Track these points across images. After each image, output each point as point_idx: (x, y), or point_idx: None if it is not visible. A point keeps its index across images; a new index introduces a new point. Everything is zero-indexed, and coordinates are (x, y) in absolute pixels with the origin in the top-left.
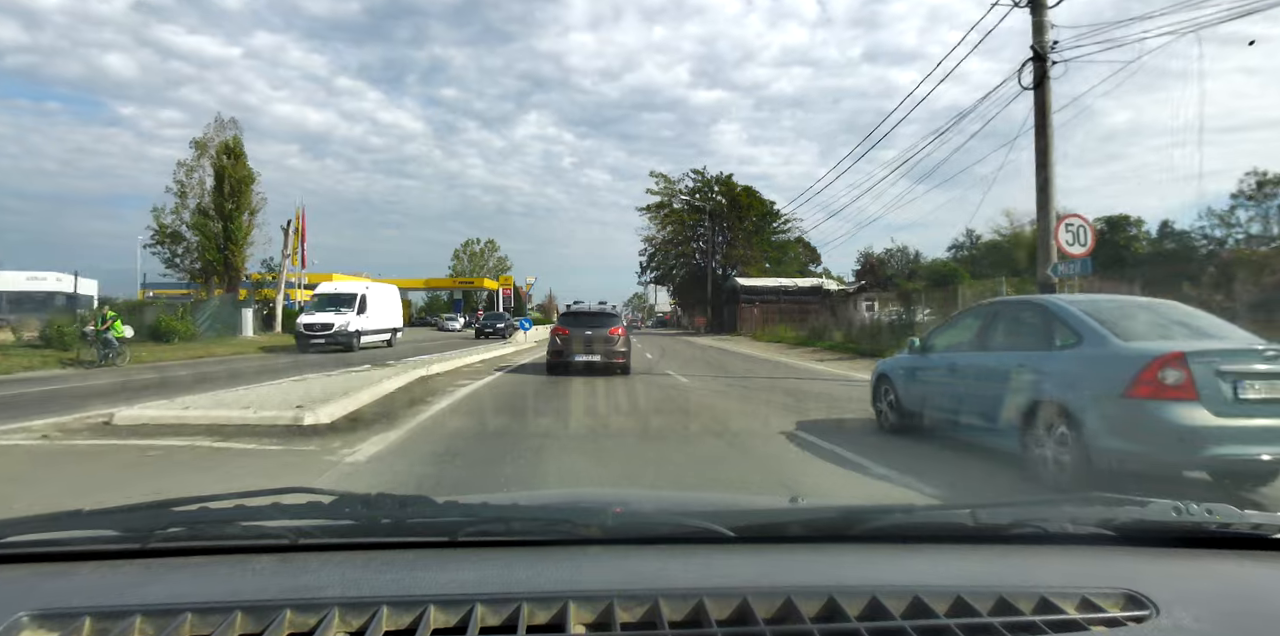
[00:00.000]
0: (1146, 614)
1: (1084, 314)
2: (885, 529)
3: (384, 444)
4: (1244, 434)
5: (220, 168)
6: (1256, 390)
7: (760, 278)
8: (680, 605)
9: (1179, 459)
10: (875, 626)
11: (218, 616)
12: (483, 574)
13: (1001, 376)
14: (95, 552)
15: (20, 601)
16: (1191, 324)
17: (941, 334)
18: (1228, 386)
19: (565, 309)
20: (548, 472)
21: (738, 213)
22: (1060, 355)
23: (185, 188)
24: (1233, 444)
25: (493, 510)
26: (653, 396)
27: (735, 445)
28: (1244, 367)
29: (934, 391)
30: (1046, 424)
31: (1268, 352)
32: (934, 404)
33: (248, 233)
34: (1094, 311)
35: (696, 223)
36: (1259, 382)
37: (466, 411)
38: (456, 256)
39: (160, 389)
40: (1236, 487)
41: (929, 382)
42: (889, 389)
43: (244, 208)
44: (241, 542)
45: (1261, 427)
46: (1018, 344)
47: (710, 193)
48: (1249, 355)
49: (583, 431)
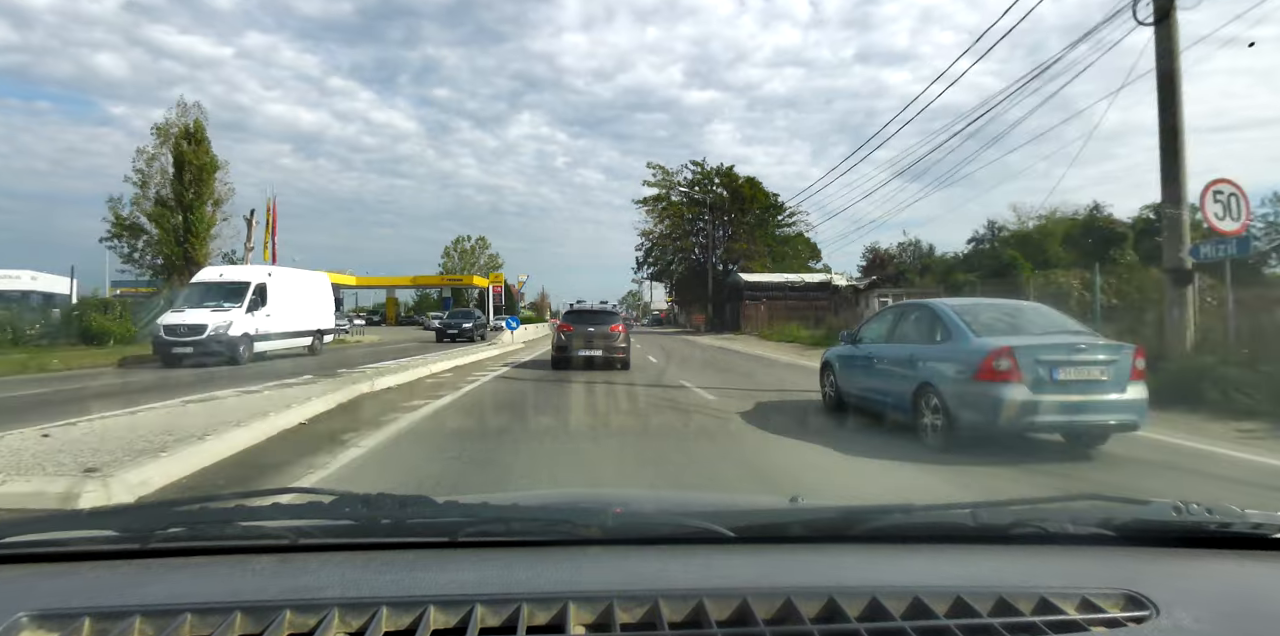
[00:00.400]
0: (1146, 614)
1: (956, 315)
2: (885, 529)
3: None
4: (1057, 406)
5: (180, 153)
6: (1068, 373)
7: (764, 273)
8: (680, 605)
9: (1010, 425)
10: (875, 627)
11: (218, 616)
12: (483, 574)
13: (900, 363)
14: (95, 553)
15: (20, 601)
16: (1042, 323)
17: (867, 328)
18: (1045, 371)
19: (569, 308)
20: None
21: (740, 205)
22: (937, 347)
23: (146, 177)
24: (1048, 413)
25: (493, 510)
26: (689, 434)
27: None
28: (1059, 357)
29: (859, 375)
30: (926, 399)
31: (1078, 346)
32: (859, 385)
33: (211, 225)
34: (964, 313)
35: (696, 216)
36: (1070, 368)
37: (398, 463)
38: (447, 254)
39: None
40: (1083, 445)
41: (856, 368)
42: (830, 374)
43: (206, 197)
44: (241, 543)
45: (1071, 401)
46: (913, 338)
47: (710, 185)
48: (1064, 348)
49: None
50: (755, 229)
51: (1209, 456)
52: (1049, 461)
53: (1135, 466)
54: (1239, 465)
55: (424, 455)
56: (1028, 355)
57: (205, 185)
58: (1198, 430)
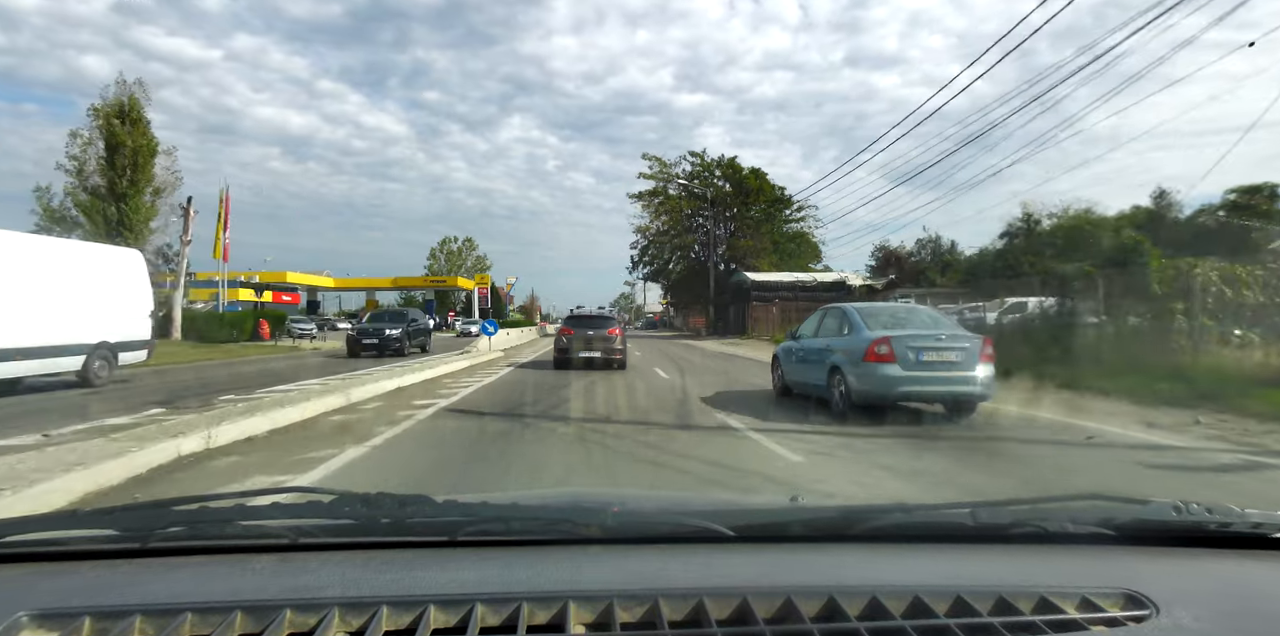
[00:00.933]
0: (1146, 613)
1: (858, 314)
2: (885, 529)
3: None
4: (922, 380)
5: (112, 134)
6: (931, 356)
7: (772, 272)
8: (680, 605)
9: (887, 394)
10: (875, 626)
11: (218, 616)
12: (483, 573)
13: (821, 352)
14: (95, 552)
15: (20, 601)
16: (922, 321)
17: (805, 326)
18: (914, 354)
19: (570, 313)
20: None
21: (744, 199)
22: (843, 339)
23: (81, 164)
24: (914, 385)
25: (492, 510)
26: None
27: None
28: (924, 344)
29: (797, 364)
30: (835, 378)
31: (939, 336)
32: (797, 372)
33: (150, 216)
34: (864, 313)
35: (695, 211)
36: (932, 352)
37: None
38: (433, 255)
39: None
40: (954, 413)
41: (794, 359)
42: (778, 365)
43: (143, 185)
44: (241, 542)
45: (932, 376)
46: (829, 332)
47: (710, 177)
48: (928, 337)
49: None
50: (760, 224)
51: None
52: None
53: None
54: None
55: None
56: (900, 343)
57: (143, 171)
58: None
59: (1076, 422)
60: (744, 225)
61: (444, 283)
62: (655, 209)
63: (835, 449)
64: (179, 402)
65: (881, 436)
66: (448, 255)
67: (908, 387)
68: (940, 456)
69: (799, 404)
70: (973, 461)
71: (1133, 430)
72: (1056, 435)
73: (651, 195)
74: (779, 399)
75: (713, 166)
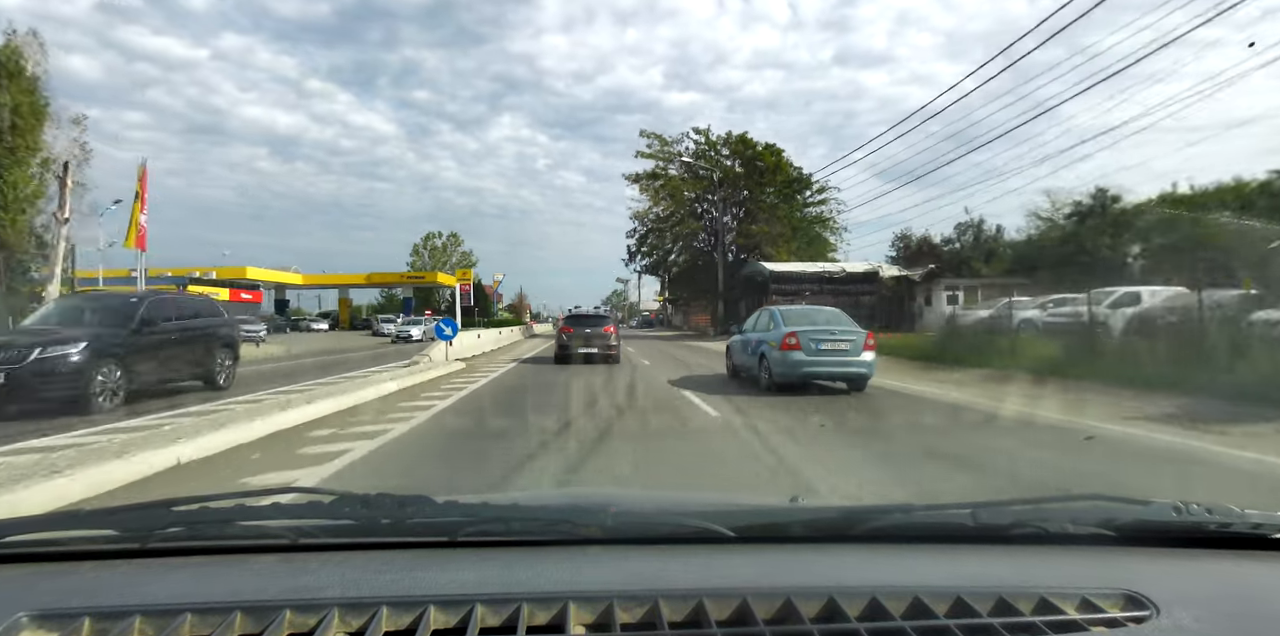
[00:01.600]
0: (1146, 614)
1: (780, 314)
2: (885, 529)
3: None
4: (821, 363)
5: None
6: (826, 346)
7: (793, 262)
8: (680, 605)
9: (794, 375)
10: (875, 626)
11: (217, 616)
12: (483, 574)
13: (754, 343)
14: (95, 552)
15: (20, 601)
16: (827, 319)
17: (748, 323)
18: (814, 344)
19: (568, 313)
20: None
21: (757, 179)
22: (768, 333)
23: None
24: (814, 367)
25: (492, 510)
26: None
27: None
28: (821, 337)
29: (740, 352)
30: (762, 362)
31: (832, 330)
32: (740, 358)
33: (38, 194)
34: (785, 313)
35: (700, 195)
36: (828, 343)
37: None
38: (416, 252)
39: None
40: (852, 388)
41: (738, 348)
42: (730, 354)
43: (24, 154)
44: (241, 542)
45: (829, 360)
46: (760, 328)
47: (717, 156)
48: (824, 332)
49: None
50: (775, 208)
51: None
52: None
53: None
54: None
55: None
56: (805, 336)
57: (26, 137)
58: None
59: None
60: (757, 209)
61: (423, 279)
62: (655, 193)
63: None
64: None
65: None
66: (431, 251)
67: (810, 369)
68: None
69: (741, 383)
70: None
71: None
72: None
73: (651, 178)
74: (729, 380)
75: (719, 144)
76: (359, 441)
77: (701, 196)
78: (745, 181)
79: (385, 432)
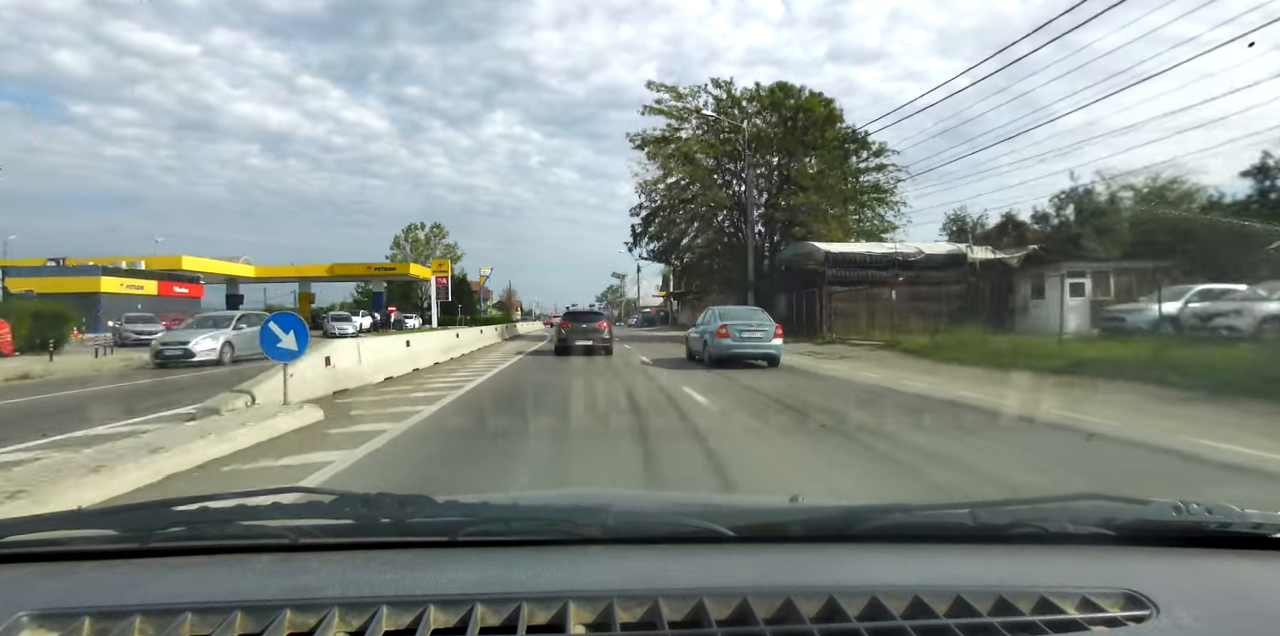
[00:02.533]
0: (1146, 613)
1: (719, 311)
2: (885, 529)
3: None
4: (743, 346)
5: None
6: (747, 334)
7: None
8: (680, 605)
9: (727, 355)
10: (875, 626)
11: (217, 616)
12: (483, 574)
13: (701, 333)
14: (95, 552)
15: (20, 601)
16: (747, 314)
17: (701, 318)
18: (739, 333)
19: (567, 310)
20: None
21: (799, 136)
22: (710, 325)
23: None
24: (739, 349)
25: (493, 510)
26: None
27: None
28: (744, 327)
29: (693, 340)
30: (705, 347)
31: (752, 322)
32: (694, 345)
33: None
34: (723, 311)
35: (722, 163)
36: (748, 331)
37: None
38: (397, 244)
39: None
40: (770, 365)
41: (692, 338)
42: (687, 343)
43: None
44: (241, 542)
45: (748, 345)
46: (706, 322)
47: (743, 114)
48: (748, 325)
49: None
50: (823, 175)
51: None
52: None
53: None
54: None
55: None
56: (733, 327)
57: None
58: None
59: None
60: (799, 176)
61: (394, 271)
62: (665, 159)
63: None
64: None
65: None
66: (413, 243)
67: (736, 351)
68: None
69: (693, 363)
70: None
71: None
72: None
73: (662, 142)
74: (686, 361)
75: (743, 100)
76: None
77: (723, 165)
78: (785, 141)
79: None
